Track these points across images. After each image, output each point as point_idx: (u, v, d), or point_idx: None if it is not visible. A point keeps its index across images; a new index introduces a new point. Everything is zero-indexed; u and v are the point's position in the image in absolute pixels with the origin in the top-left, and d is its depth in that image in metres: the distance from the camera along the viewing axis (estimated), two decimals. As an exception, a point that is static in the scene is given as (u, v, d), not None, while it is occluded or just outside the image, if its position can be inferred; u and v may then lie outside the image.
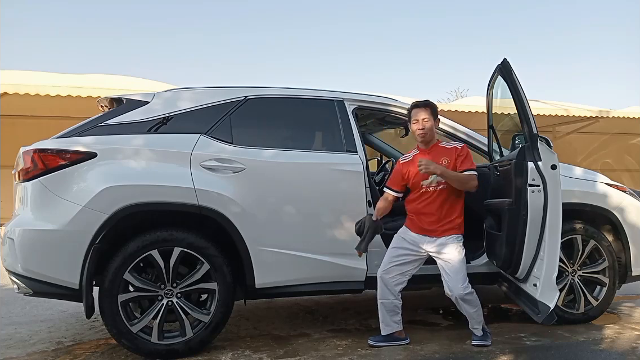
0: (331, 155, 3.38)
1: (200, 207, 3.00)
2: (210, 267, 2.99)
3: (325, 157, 3.35)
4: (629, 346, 3.15)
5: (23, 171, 2.98)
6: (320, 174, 3.30)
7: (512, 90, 3.24)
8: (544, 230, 3.08)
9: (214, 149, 3.14)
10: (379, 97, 3.74)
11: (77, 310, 4.00)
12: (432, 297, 4.61)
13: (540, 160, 3.11)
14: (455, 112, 10.40)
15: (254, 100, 3.37)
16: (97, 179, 2.92)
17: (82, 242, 2.84)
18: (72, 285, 2.85)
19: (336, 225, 3.23)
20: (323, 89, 3.59)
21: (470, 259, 3.58)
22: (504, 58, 3.32)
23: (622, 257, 3.72)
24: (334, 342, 3.26)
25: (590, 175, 3.83)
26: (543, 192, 3.09)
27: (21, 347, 3.26)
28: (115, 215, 2.87)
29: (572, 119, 12.24)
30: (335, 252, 3.25)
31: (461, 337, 3.32)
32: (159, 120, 3.19)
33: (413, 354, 3.02)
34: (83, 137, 3.06)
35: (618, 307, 4.13)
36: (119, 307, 2.87)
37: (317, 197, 3.26)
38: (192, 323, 3.00)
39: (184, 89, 3.45)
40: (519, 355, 3.01)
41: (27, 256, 2.87)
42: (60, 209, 2.88)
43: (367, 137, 4.73)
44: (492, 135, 3.69)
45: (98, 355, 3.09)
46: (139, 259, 2.92)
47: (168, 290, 2.97)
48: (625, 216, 3.72)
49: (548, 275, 3.07)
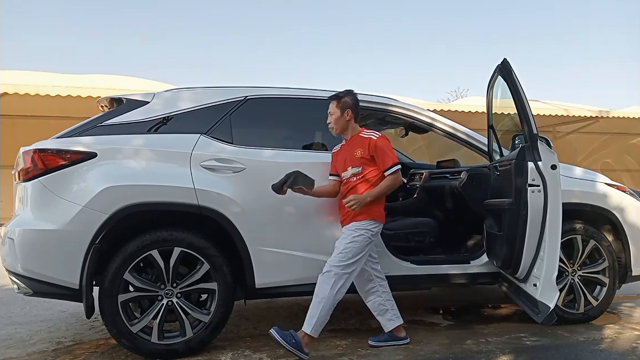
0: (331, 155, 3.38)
1: (200, 207, 3.00)
2: (210, 267, 2.99)
3: (325, 157, 3.35)
4: (629, 346, 3.15)
5: (23, 171, 2.98)
6: (320, 174, 3.29)
7: (512, 90, 3.24)
8: (544, 230, 3.08)
9: (214, 149, 3.14)
10: (379, 97, 3.73)
11: (77, 310, 4.00)
12: (432, 297, 4.62)
13: (540, 160, 3.11)
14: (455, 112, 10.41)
15: (254, 100, 3.37)
16: (97, 179, 2.92)
17: (82, 242, 2.84)
18: (72, 285, 2.85)
19: (336, 225, 3.23)
20: (323, 89, 3.59)
21: (471, 259, 3.60)
22: (504, 58, 3.32)
23: (622, 257, 3.73)
24: (334, 342, 3.26)
25: (590, 175, 3.83)
26: (543, 192, 3.09)
27: (21, 347, 3.26)
28: (115, 215, 2.87)
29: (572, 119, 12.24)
30: (335, 252, 3.24)
31: (461, 337, 3.32)
32: (159, 120, 3.19)
33: (413, 354, 3.02)
34: (83, 137, 3.06)
35: (618, 307, 4.13)
36: (119, 307, 2.87)
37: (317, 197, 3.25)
38: (192, 323, 3.00)
39: (184, 89, 3.45)
40: (519, 355, 3.01)
41: (27, 256, 2.87)
42: (60, 209, 2.88)
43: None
44: (492, 135, 3.69)
45: (98, 355, 3.09)
46: (139, 259, 2.91)
47: (168, 290, 2.97)
48: (625, 216, 3.72)
49: (548, 275, 3.07)
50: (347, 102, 3.17)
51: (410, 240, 3.69)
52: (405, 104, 3.79)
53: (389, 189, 3.09)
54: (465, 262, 3.58)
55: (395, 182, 3.08)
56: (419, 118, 3.73)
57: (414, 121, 3.76)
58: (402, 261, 3.40)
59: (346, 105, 3.16)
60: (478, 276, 3.59)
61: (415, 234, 3.72)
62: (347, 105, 3.17)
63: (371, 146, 3.08)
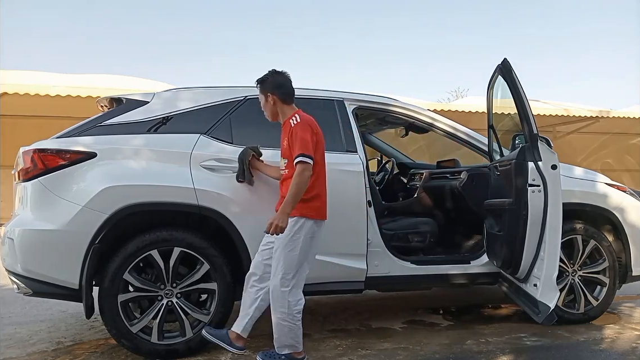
0: (331, 155, 3.35)
1: (200, 207, 3.00)
2: (210, 267, 2.99)
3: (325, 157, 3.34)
4: (629, 346, 3.15)
5: (23, 171, 2.98)
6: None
7: (512, 90, 3.24)
8: (544, 230, 3.08)
9: (213, 149, 3.14)
10: (379, 97, 3.74)
11: (77, 310, 4.00)
12: (432, 297, 4.61)
13: (541, 160, 3.11)
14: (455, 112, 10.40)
15: (253, 100, 3.36)
16: (97, 179, 2.92)
17: (82, 242, 2.83)
18: (72, 285, 2.85)
19: (336, 225, 3.22)
20: (323, 89, 3.59)
21: (471, 259, 3.60)
22: (504, 58, 3.33)
23: (623, 257, 3.73)
24: (334, 342, 3.26)
25: (590, 175, 3.84)
26: (543, 192, 3.09)
27: (21, 347, 3.26)
28: (115, 215, 2.87)
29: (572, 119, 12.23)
30: (335, 252, 3.24)
31: (461, 337, 3.32)
32: (158, 120, 3.19)
33: (413, 354, 3.02)
34: (83, 137, 3.05)
35: (618, 307, 4.13)
36: (118, 307, 2.87)
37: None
38: (192, 323, 3.00)
39: (184, 89, 3.45)
40: (519, 355, 3.01)
41: (26, 256, 2.86)
42: (60, 209, 2.88)
43: (367, 137, 4.73)
44: (492, 135, 3.69)
45: (98, 355, 3.09)
46: (138, 259, 2.91)
47: (168, 290, 2.97)
48: (625, 216, 3.72)
49: (548, 275, 3.07)
50: (267, 85, 2.85)
51: (410, 240, 3.69)
52: (406, 104, 3.79)
53: (299, 187, 2.61)
54: (465, 262, 3.58)
55: (302, 177, 2.61)
56: (419, 118, 3.73)
57: (414, 121, 3.77)
58: (402, 261, 3.40)
59: (267, 88, 2.85)
60: (478, 276, 3.59)
61: (415, 234, 3.72)
62: (268, 88, 2.85)
63: (288, 134, 2.74)
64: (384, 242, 3.36)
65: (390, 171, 4.70)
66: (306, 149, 2.65)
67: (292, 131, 2.71)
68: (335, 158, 3.34)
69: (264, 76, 2.89)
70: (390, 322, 3.73)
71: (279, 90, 2.84)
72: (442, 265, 3.54)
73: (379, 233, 3.34)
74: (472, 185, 3.75)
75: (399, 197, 4.57)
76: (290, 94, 2.86)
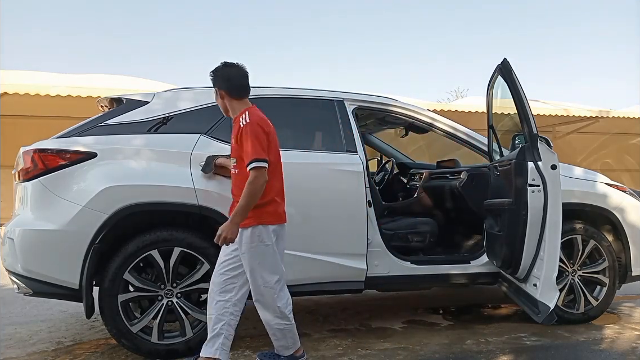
0: (331, 155, 3.38)
1: (200, 207, 3.00)
2: (210, 267, 2.98)
3: (325, 157, 3.35)
4: (629, 346, 3.15)
5: (23, 171, 2.98)
6: (320, 174, 3.29)
7: (512, 90, 3.24)
8: (544, 230, 3.09)
9: (214, 149, 3.13)
10: (379, 97, 3.74)
11: (77, 310, 4.00)
12: (432, 297, 4.62)
13: (540, 160, 3.11)
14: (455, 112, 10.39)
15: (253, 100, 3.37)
16: (97, 179, 2.92)
17: (82, 242, 2.83)
18: (72, 285, 2.85)
19: (336, 225, 3.23)
20: (323, 89, 3.59)
21: (471, 259, 3.60)
22: (504, 58, 3.33)
23: (622, 257, 3.73)
24: (334, 342, 3.26)
25: (590, 175, 3.84)
26: (543, 192, 3.09)
27: (21, 347, 3.26)
28: (115, 215, 2.87)
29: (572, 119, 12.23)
30: (335, 252, 3.24)
31: (461, 337, 3.33)
32: (159, 120, 3.19)
33: (413, 354, 3.02)
34: (83, 137, 3.06)
35: (618, 307, 4.13)
36: (119, 307, 2.87)
37: (317, 197, 3.25)
38: (192, 323, 3.00)
39: (184, 89, 3.45)
40: (519, 355, 3.01)
41: (27, 256, 2.87)
42: (60, 209, 2.88)
43: (367, 137, 4.73)
44: (492, 135, 3.69)
45: (98, 355, 3.09)
46: (139, 259, 2.92)
47: (168, 290, 2.97)
48: (625, 216, 3.72)
49: (548, 275, 3.07)
50: (217, 78, 2.67)
51: (410, 240, 3.69)
52: (405, 104, 3.79)
53: (251, 196, 2.45)
54: (465, 262, 3.58)
55: (255, 185, 2.43)
56: (419, 118, 3.73)
57: (414, 121, 3.77)
58: (402, 261, 3.40)
59: (216, 81, 2.67)
60: (478, 276, 3.59)
61: (415, 234, 3.72)
62: (217, 81, 2.67)
63: (237, 137, 2.57)
64: (384, 242, 3.36)
65: (390, 171, 4.70)
66: (258, 152, 2.47)
67: (242, 131, 2.52)
68: (335, 158, 3.35)
69: (214, 68, 2.68)
70: (390, 322, 3.73)
71: (226, 84, 2.65)
72: (442, 265, 3.54)
73: (379, 233, 3.34)
74: (471, 185, 3.75)
75: (399, 197, 4.57)
76: (239, 88, 2.65)
